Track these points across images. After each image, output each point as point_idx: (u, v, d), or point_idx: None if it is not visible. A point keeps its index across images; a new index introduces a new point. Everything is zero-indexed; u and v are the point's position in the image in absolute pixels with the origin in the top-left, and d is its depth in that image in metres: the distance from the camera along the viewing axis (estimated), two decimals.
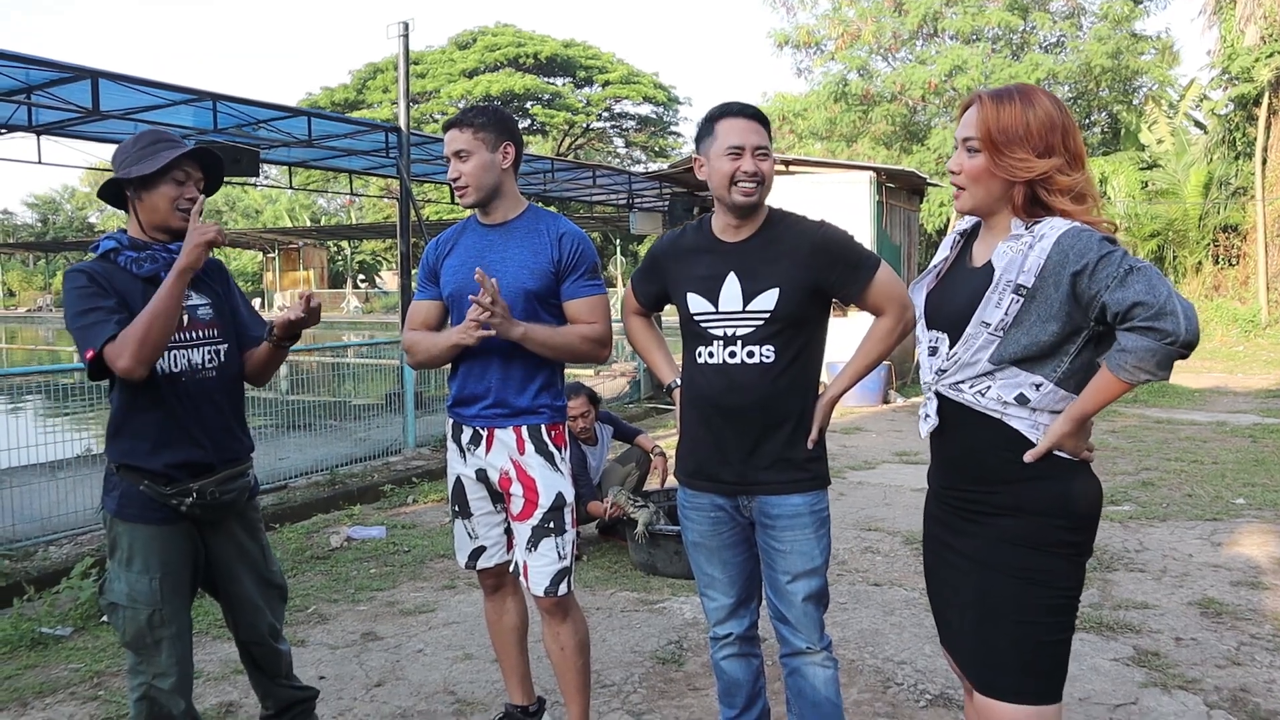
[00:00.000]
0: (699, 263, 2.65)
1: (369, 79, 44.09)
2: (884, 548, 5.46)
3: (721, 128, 2.55)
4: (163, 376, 2.60)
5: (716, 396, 2.59)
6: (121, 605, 2.60)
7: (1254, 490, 6.70)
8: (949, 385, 2.09)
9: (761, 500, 2.58)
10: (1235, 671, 3.69)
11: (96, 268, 2.59)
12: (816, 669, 2.63)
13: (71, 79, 8.61)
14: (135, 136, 2.68)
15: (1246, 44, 19.69)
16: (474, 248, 2.95)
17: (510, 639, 3.18)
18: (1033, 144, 1.98)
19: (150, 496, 2.59)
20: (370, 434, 8.55)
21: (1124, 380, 1.90)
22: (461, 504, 3.04)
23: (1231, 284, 21.37)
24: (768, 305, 2.53)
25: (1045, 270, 1.93)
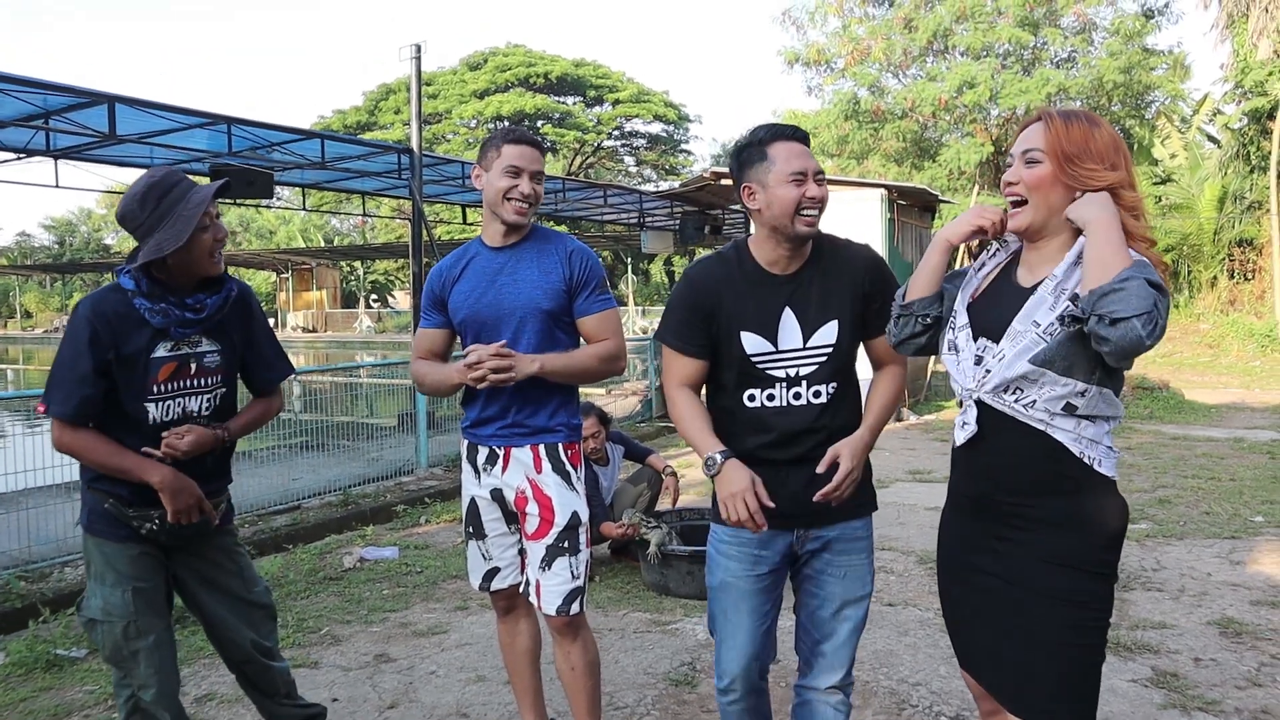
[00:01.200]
0: (749, 299, 2.47)
1: (381, 100, 44.37)
2: (898, 568, 5.43)
3: (778, 152, 2.40)
4: (152, 424, 2.60)
5: (778, 438, 2.45)
6: (98, 620, 2.62)
7: (1273, 507, 6.64)
8: (991, 392, 2.07)
9: (818, 529, 2.49)
10: (1256, 693, 3.65)
11: (108, 309, 2.56)
12: (830, 710, 2.55)
13: (88, 104, 8.72)
14: (140, 196, 2.54)
15: (1260, 58, 19.66)
16: (485, 271, 2.92)
17: (523, 661, 3.16)
18: (1100, 158, 2.02)
19: (114, 514, 2.61)
20: (383, 454, 8.56)
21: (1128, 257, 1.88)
22: (475, 525, 3.02)
23: (1247, 299, 21.25)
24: (829, 339, 2.45)
25: None
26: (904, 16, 25.26)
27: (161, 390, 2.61)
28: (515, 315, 2.86)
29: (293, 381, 9.62)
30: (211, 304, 2.65)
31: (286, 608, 4.92)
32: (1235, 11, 21.08)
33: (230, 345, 2.76)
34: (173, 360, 2.62)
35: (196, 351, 2.67)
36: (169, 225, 2.50)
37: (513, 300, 2.85)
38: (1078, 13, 23.76)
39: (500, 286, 2.88)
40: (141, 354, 2.56)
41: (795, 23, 27.18)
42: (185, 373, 2.65)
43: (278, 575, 5.45)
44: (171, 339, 2.61)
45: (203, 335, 2.67)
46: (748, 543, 2.49)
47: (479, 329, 2.90)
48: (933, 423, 11.56)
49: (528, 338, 2.87)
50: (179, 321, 2.59)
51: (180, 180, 2.57)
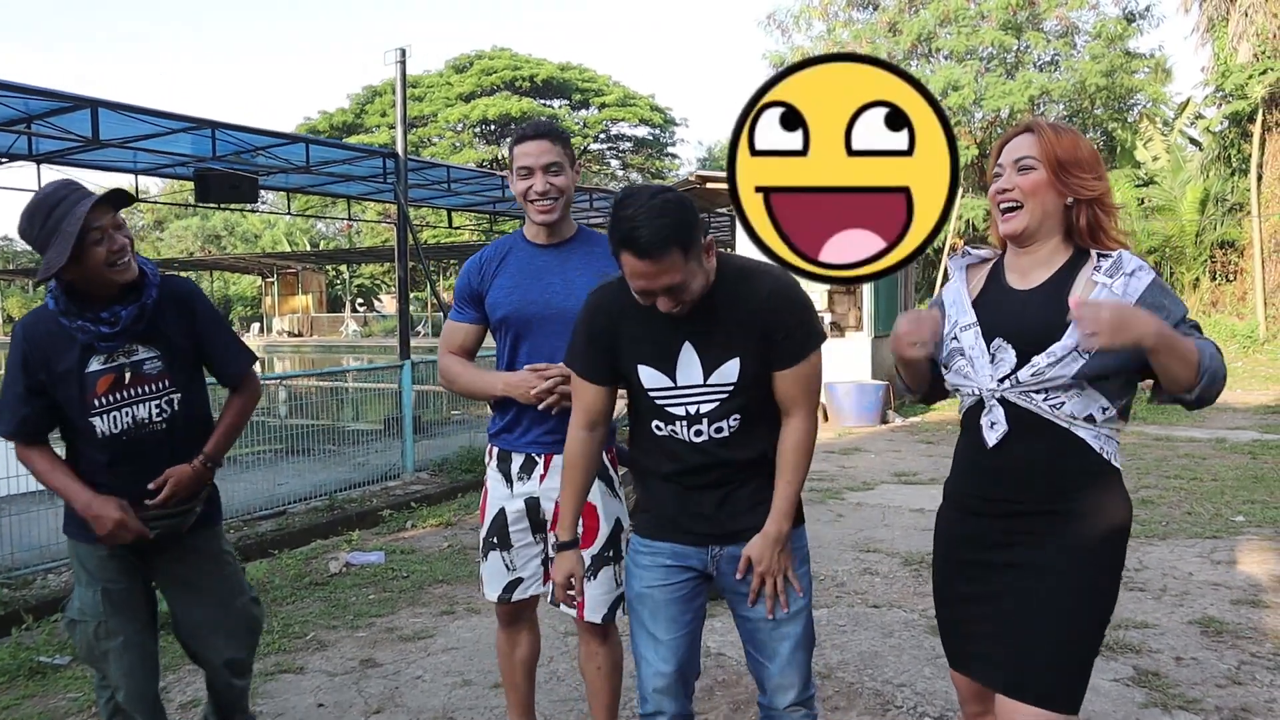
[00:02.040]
0: (647, 331, 2.33)
1: (367, 103, 44.31)
2: (883, 569, 5.45)
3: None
4: (101, 437, 2.61)
5: (682, 466, 2.37)
6: (76, 620, 2.69)
7: (1254, 507, 6.70)
8: (1019, 393, 2.10)
9: (733, 548, 2.37)
10: (1236, 691, 3.68)
11: (38, 331, 2.59)
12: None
13: (71, 108, 8.67)
14: (29, 213, 2.50)
15: (1240, 61, 19.80)
16: (529, 268, 2.83)
17: (522, 671, 3.10)
18: (1088, 168, 2.13)
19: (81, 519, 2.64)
20: (369, 459, 8.55)
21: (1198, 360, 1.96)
22: (502, 536, 2.91)
23: (1229, 300, 21.41)
24: (730, 378, 2.30)
25: (1143, 304, 2.01)
26: (888, 20, 25.36)
27: (104, 403, 2.60)
28: (565, 317, 2.70)
29: (279, 386, 9.60)
30: (126, 315, 2.58)
31: (272, 613, 4.91)
32: (1215, 16, 21.22)
33: (171, 347, 2.70)
34: (109, 372, 2.59)
35: (133, 360, 2.63)
36: (55, 243, 2.44)
37: (563, 301, 2.76)
38: (1060, 16, 23.91)
39: (549, 284, 2.81)
40: (74, 371, 2.56)
41: (780, 26, 27.26)
42: (120, 384, 2.61)
43: (263, 581, 5.44)
44: (101, 352, 2.59)
45: (138, 343, 2.63)
46: (659, 553, 2.42)
47: (522, 327, 2.82)
48: (917, 425, 11.60)
49: None
50: (98, 336, 2.56)
51: (68, 195, 2.49)
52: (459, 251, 36.49)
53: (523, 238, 2.91)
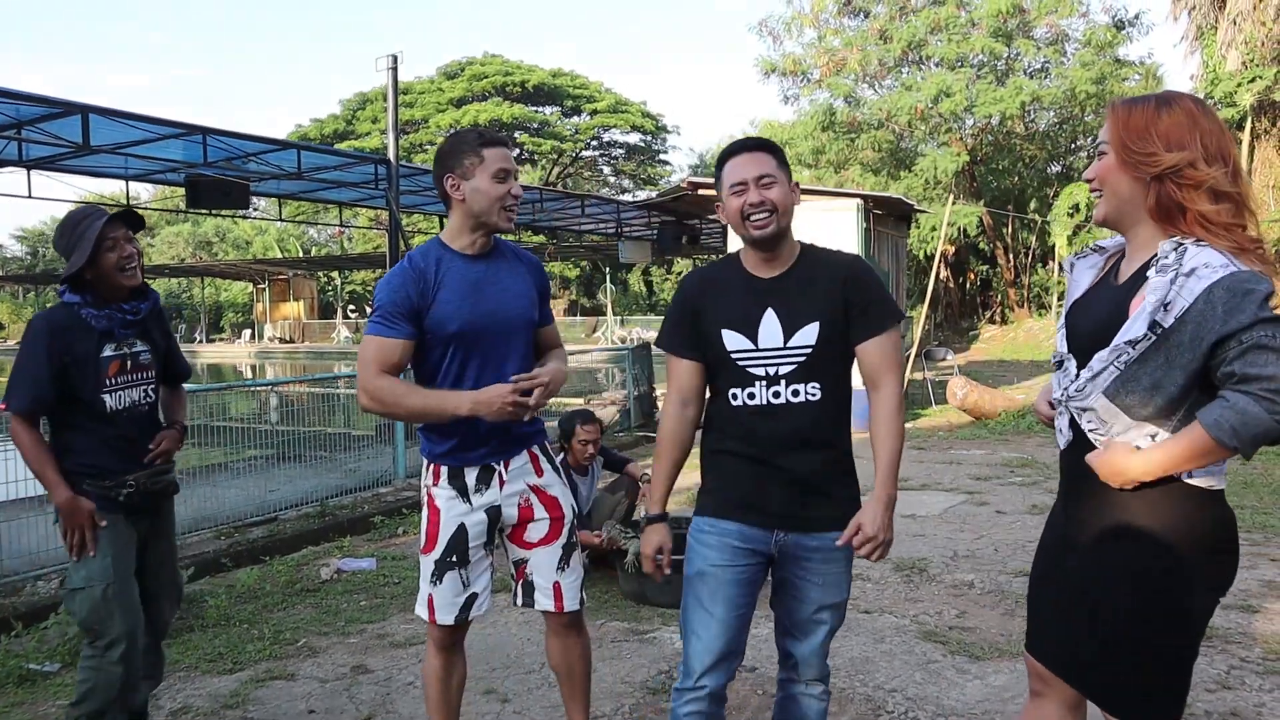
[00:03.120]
0: (733, 299, 2.55)
1: (358, 109, 44.34)
2: (874, 575, 5.46)
3: (726, 171, 2.54)
4: (109, 412, 3.13)
5: (760, 438, 2.50)
6: (80, 589, 3.03)
7: (1243, 513, 6.72)
8: (1078, 409, 2.04)
9: (800, 536, 2.52)
10: (1226, 695, 3.69)
11: (59, 320, 3.08)
12: (813, 701, 2.66)
13: (62, 114, 8.67)
14: (60, 229, 3.13)
15: (1228, 69, 19.95)
16: (468, 279, 2.77)
17: (457, 695, 3.05)
18: (1161, 139, 1.93)
19: (93, 491, 3.06)
20: (360, 465, 8.53)
21: (1215, 439, 1.79)
22: (461, 554, 2.85)
23: None
24: (809, 340, 2.47)
25: (1187, 317, 1.83)
26: (879, 28, 25.51)
27: (114, 383, 3.14)
28: (513, 327, 2.82)
29: (270, 392, 9.58)
30: (145, 308, 3.24)
31: (263, 619, 4.91)
32: (1205, 24, 21.39)
33: (155, 344, 3.31)
34: (117, 359, 3.15)
35: (133, 351, 3.22)
36: (77, 248, 3.04)
37: (507, 311, 2.81)
38: (1050, 24, 24.07)
39: (489, 296, 2.78)
40: (92, 355, 3.08)
41: (772, 33, 27.39)
42: (124, 369, 3.17)
43: (254, 587, 5.42)
44: (114, 340, 3.14)
45: (136, 338, 3.22)
46: (727, 533, 2.53)
47: (475, 341, 2.77)
48: (909, 431, 11.63)
49: (520, 350, 2.86)
50: (121, 323, 3.15)
51: (91, 214, 3.11)
52: None
53: (447, 248, 2.81)
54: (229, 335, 46.28)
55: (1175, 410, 1.91)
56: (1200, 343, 1.82)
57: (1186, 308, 1.82)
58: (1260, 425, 1.76)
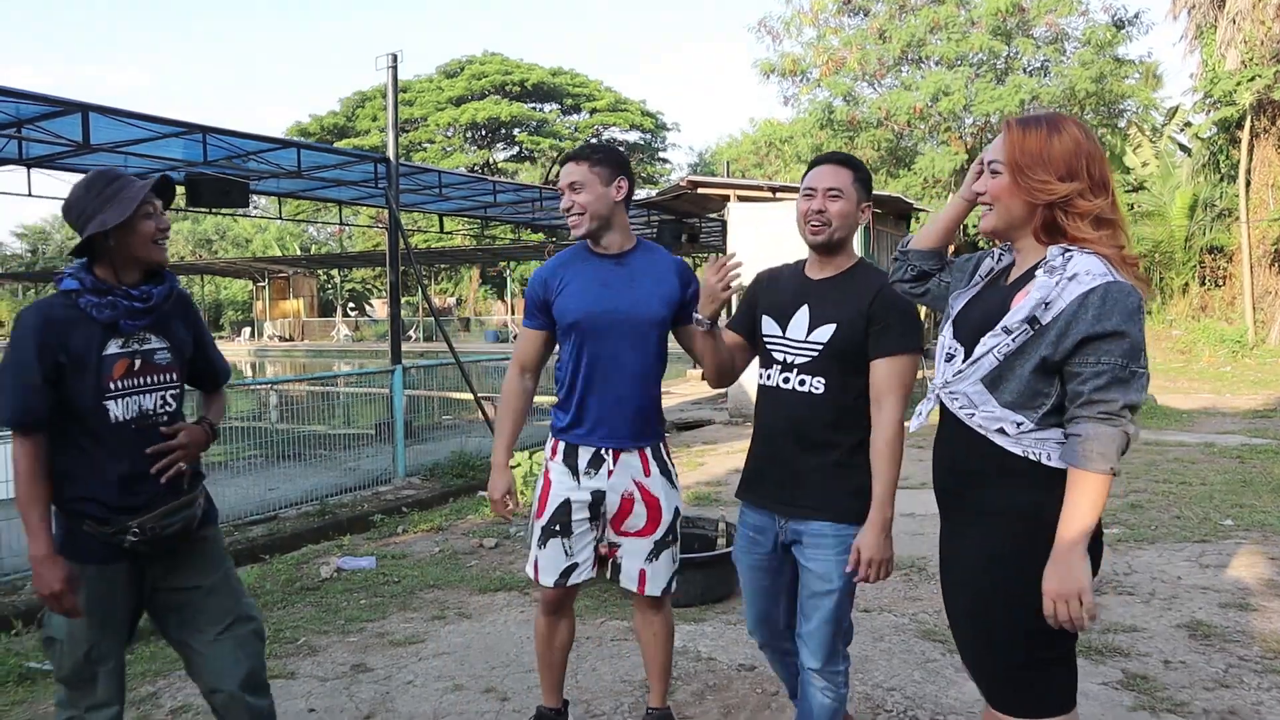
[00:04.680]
0: (781, 291, 2.83)
1: (358, 107, 44.31)
2: None
3: (809, 174, 2.76)
4: (114, 422, 2.58)
5: (767, 418, 2.79)
6: (59, 639, 2.59)
7: (1242, 511, 6.73)
8: (949, 394, 2.17)
9: (794, 521, 2.73)
10: (1224, 694, 3.70)
11: (56, 313, 2.55)
12: (816, 692, 2.75)
13: (62, 113, 8.67)
14: (86, 183, 2.60)
15: (1228, 68, 19.93)
16: (595, 277, 3.06)
17: (560, 655, 3.32)
18: (1054, 168, 2.03)
19: (92, 535, 2.56)
20: (360, 464, 8.55)
21: (1097, 471, 1.92)
22: (564, 524, 3.11)
23: (1218, 305, 21.53)
24: (823, 338, 2.67)
25: (1061, 316, 1.96)
26: (878, 27, 25.44)
27: (119, 387, 2.58)
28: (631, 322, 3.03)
29: (270, 391, 9.58)
30: (158, 293, 2.65)
31: (263, 618, 4.91)
32: (1204, 23, 21.36)
33: (177, 344, 2.74)
34: (125, 357, 2.60)
35: (145, 349, 2.65)
36: (113, 206, 2.54)
37: (632, 307, 3.03)
38: (1049, 22, 24.01)
39: (616, 293, 3.05)
40: (92, 353, 2.54)
41: (771, 32, 27.34)
42: (136, 369, 2.62)
43: (254, 586, 5.43)
44: (121, 334, 2.59)
45: (150, 332, 2.66)
46: (744, 521, 2.90)
47: (592, 330, 3.04)
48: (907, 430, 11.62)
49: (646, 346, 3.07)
50: (128, 312, 2.59)
51: (125, 174, 2.65)
52: (450, 256, 36.48)
53: (586, 249, 3.13)
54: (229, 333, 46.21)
55: (1036, 401, 2.03)
56: (1065, 339, 1.95)
57: (1063, 309, 1.96)
58: (1114, 440, 1.92)
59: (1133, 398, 1.94)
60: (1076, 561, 1.94)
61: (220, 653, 2.72)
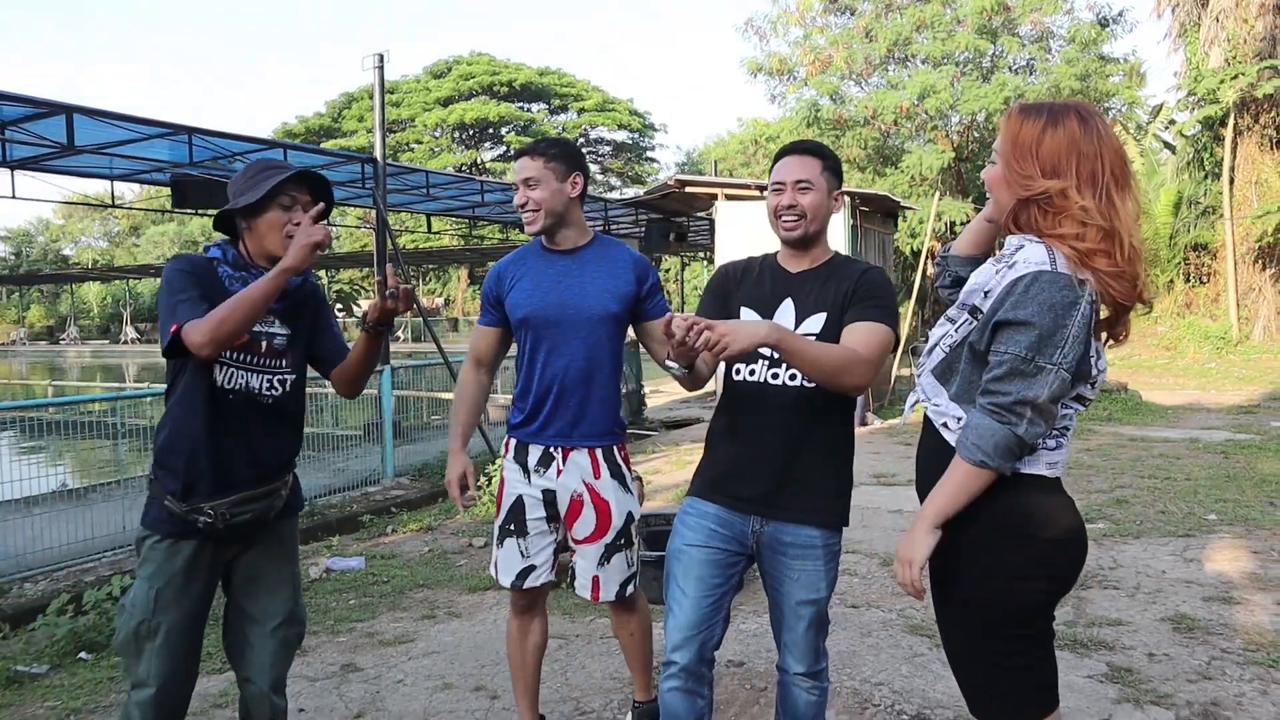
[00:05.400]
0: (759, 284, 2.68)
1: (344, 108, 44.21)
2: (861, 570, 5.50)
3: (775, 167, 2.65)
4: (216, 390, 2.59)
5: (752, 414, 2.60)
6: (126, 607, 2.61)
7: (1226, 506, 6.79)
8: (919, 386, 2.17)
9: (777, 525, 2.56)
10: (1207, 686, 3.74)
11: (199, 263, 2.63)
12: (802, 693, 2.66)
13: (46, 114, 8.63)
14: (246, 166, 2.70)
15: (1211, 66, 20.07)
16: (547, 274, 3.02)
17: (532, 658, 3.25)
18: (1040, 162, 1.95)
19: (170, 510, 2.58)
20: (349, 464, 8.54)
21: (967, 460, 1.91)
22: (519, 523, 3.08)
23: (1203, 301, 21.68)
24: (814, 329, 2.54)
25: (995, 302, 1.93)
26: (864, 26, 25.55)
27: (230, 358, 2.60)
28: (581, 318, 2.99)
29: None
30: (292, 281, 2.65)
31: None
32: (1188, 21, 21.52)
33: (298, 334, 2.76)
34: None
35: (268, 331, 2.67)
36: (254, 186, 2.61)
37: (581, 303, 2.97)
38: (1034, 21, 24.15)
39: (566, 289, 3.00)
40: None
41: (758, 31, 27.40)
42: (255, 349, 2.64)
43: None
44: None
45: (275, 316, 2.67)
46: (705, 515, 2.63)
47: (540, 327, 3.01)
48: (897, 427, 11.66)
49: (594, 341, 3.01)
50: None
51: (284, 165, 2.68)
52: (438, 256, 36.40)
53: (540, 246, 3.09)
54: None
55: (972, 392, 1.99)
56: (987, 325, 1.93)
57: (996, 294, 1.93)
58: (993, 434, 1.88)
59: (1032, 393, 1.85)
60: (920, 535, 1.99)
61: (266, 648, 2.73)
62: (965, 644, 2.06)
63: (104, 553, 5.93)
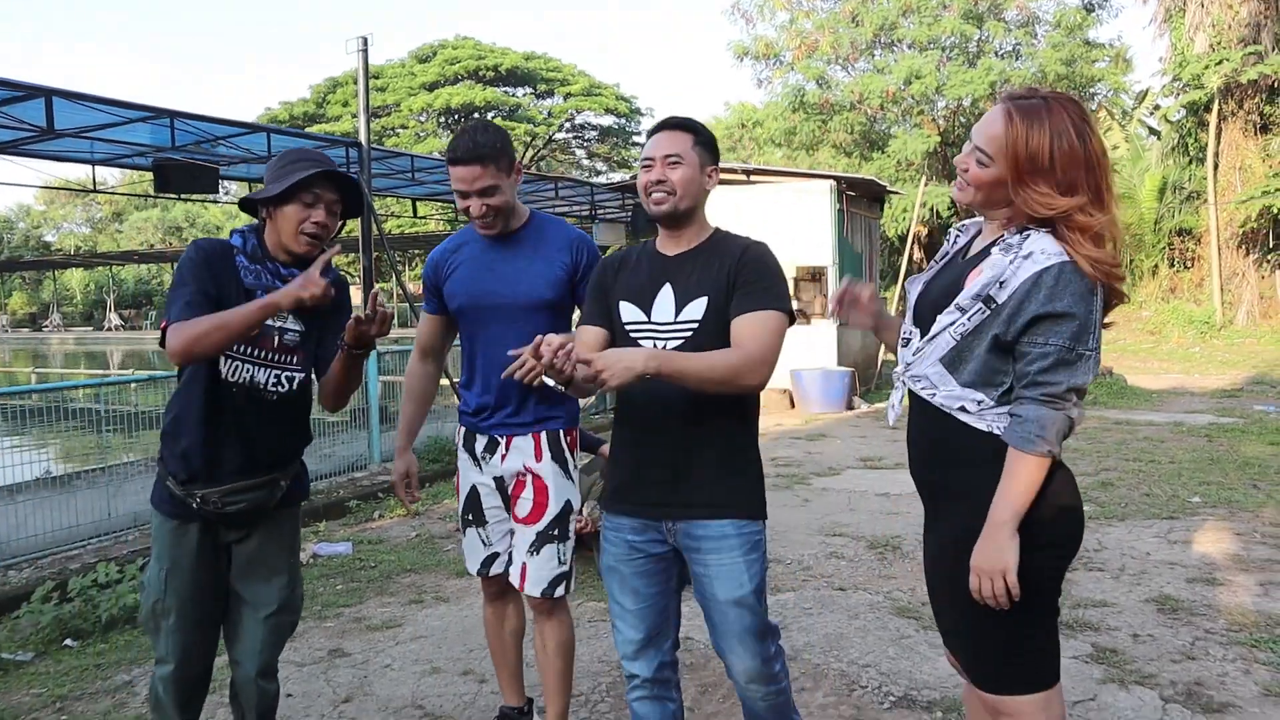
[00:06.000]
0: (636, 274, 2.54)
1: (329, 93, 43.90)
2: (848, 553, 5.52)
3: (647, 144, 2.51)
4: (220, 382, 2.59)
5: (644, 413, 2.45)
6: (144, 585, 2.70)
7: (1209, 489, 6.84)
8: (910, 377, 2.16)
9: (687, 524, 2.42)
10: (1190, 666, 3.77)
11: (216, 250, 2.59)
12: (755, 700, 2.50)
13: (25, 97, 8.54)
14: (282, 153, 2.66)
15: (1196, 51, 20.12)
16: (481, 261, 2.95)
17: (510, 643, 3.24)
18: (1055, 179, 1.94)
19: (171, 491, 2.63)
20: (335, 450, 8.50)
21: (1034, 453, 1.93)
22: (476, 512, 3.06)
23: (1187, 286, 21.78)
24: (696, 315, 2.41)
25: (1015, 293, 1.94)
26: (850, 10, 25.49)
27: (237, 350, 2.58)
28: (516, 305, 2.90)
29: None
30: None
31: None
32: (1173, 6, 21.54)
33: (311, 331, 2.71)
34: None
35: (281, 325, 2.64)
36: (278, 182, 2.56)
37: (515, 291, 2.88)
38: (1020, 6, 24.15)
39: (501, 276, 2.92)
40: (229, 303, 2.52)
41: (745, 15, 27.32)
42: (266, 343, 2.61)
43: None
44: None
45: (289, 311, 2.56)
46: (620, 528, 2.52)
47: (476, 316, 2.94)
48: (883, 411, 11.71)
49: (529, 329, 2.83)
50: (268, 287, 2.57)
51: (317, 156, 2.64)
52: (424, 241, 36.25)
53: (475, 230, 3.00)
54: None
55: (995, 379, 2.02)
56: (1017, 318, 1.94)
57: (1016, 287, 1.94)
58: (1054, 422, 1.93)
59: (1078, 380, 1.93)
60: (1005, 541, 1.95)
61: (256, 634, 2.74)
62: (984, 617, 2.04)
63: (89, 540, 5.90)
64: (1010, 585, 1.94)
